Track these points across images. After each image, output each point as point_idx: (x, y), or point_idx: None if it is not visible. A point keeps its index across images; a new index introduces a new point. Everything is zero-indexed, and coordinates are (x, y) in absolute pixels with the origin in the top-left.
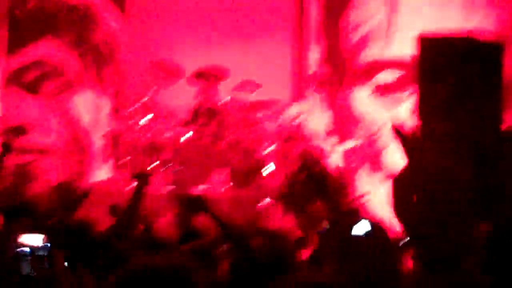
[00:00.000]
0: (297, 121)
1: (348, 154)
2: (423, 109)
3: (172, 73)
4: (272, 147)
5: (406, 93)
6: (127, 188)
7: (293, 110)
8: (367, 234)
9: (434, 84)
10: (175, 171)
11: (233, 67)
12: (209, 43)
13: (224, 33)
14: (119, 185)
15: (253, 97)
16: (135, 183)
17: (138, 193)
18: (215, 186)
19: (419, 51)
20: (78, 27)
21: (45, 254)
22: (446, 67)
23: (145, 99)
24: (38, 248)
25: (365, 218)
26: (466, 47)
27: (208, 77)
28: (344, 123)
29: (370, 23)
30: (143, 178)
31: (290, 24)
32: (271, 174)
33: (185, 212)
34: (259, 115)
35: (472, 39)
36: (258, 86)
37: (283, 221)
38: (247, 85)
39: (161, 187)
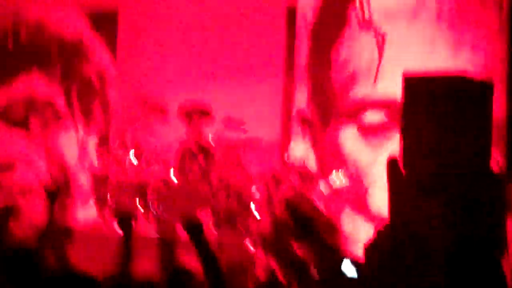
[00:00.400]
0: (285, 161)
1: (334, 195)
2: (408, 152)
3: (155, 110)
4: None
5: (393, 134)
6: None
7: (282, 150)
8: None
9: (419, 126)
10: (159, 211)
11: (220, 105)
12: (197, 81)
13: (213, 72)
14: (103, 225)
15: (239, 135)
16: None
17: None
18: None
19: (403, 90)
20: (68, 61)
21: None
22: (432, 107)
23: (129, 137)
24: None
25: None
26: (454, 87)
27: (193, 114)
28: (330, 163)
29: (357, 61)
30: (126, 222)
31: (280, 61)
32: (256, 217)
33: (169, 253)
34: (245, 155)
35: (460, 78)
36: (242, 123)
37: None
38: (232, 122)
39: (144, 229)
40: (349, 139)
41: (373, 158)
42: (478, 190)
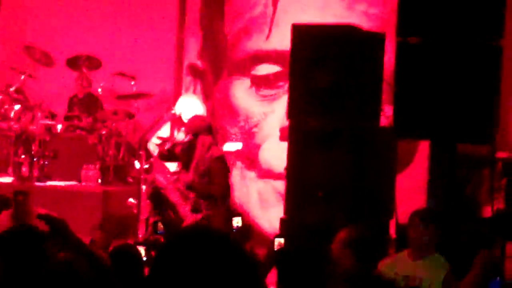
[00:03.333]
0: (175, 113)
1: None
2: (295, 104)
3: (40, 60)
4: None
5: (285, 88)
6: None
7: (175, 103)
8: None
9: (308, 77)
10: (43, 164)
11: (111, 56)
12: (87, 30)
13: (104, 20)
14: None
15: (131, 87)
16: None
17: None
18: (84, 181)
19: (292, 41)
20: None
21: None
22: (322, 58)
23: (14, 87)
24: None
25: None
26: (345, 38)
27: (81, 65)
28: (222, 116)
29: (251, 14)
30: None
31: (173, 14)
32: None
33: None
34: (135, 106)
35: (352, 29)
36: (133, 77)
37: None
38: (123, 75)
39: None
40: (242, 91)
41: (266, 111)
42: (369, 144)
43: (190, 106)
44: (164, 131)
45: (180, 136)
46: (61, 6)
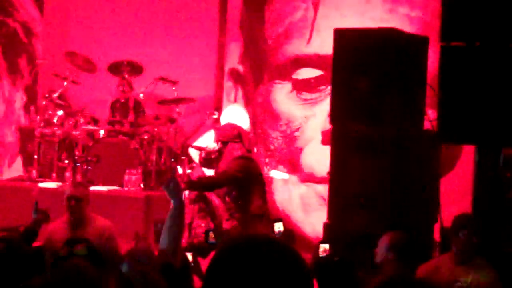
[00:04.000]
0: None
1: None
2: (338, 109)
3: (83, 66)
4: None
5: (326, 92)
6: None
7: (216, 108)
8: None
9: (350, 81)
10: (86, 169)
11: (153, 62)
12: (128, 36)
13: (145, 26)
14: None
15: (172, 92)
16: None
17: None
18: (127, 186)
19: (334, 46)
20: None
21: None
22: (364, 62)
23: (57, 93)
24: None
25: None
26: (387, 41)
27: (123, 71)
28: (264, 121)
29: (292, 18)
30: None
31: (213, 18)
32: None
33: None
34: (177, 110)
35: (395, 32)
36: (174, 82)
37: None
38: (164, 80)
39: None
40: (283, 95)
41: (308, 114)
42: (412, 148)
43: (235, 114)
44: (208, 138)
45: (212, 145)
46: (103, 13)
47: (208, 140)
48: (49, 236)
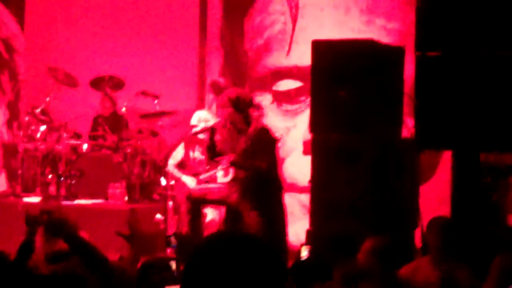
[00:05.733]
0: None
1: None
2: (317, 119)
3: (64, 81)
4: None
5: (306, 103)
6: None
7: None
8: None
9: (329, 92)
10: (70, 183)
11: (134, 76)
12: (109, 51)
13: (126, 41)
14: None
15: (154, 106)
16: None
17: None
18: (111, 199)
19: (312, 57)
20: None
21: None
22: (343, 73)
23: (40, 109)
24: None
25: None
26: (365, 52)
27: (105, 86)
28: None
29: (271, 31)
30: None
31: (193, 30)
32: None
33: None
34: (160, 124)
35: (372, 43)
36: (156, 95)
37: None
38: (146, 94)
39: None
40: (264, 107)
41: (289, 125)
42: (392, 156)
43: (204, 119)
44: (179, 151)
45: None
46: (84, 28)
47: (179, 153)
48: None
